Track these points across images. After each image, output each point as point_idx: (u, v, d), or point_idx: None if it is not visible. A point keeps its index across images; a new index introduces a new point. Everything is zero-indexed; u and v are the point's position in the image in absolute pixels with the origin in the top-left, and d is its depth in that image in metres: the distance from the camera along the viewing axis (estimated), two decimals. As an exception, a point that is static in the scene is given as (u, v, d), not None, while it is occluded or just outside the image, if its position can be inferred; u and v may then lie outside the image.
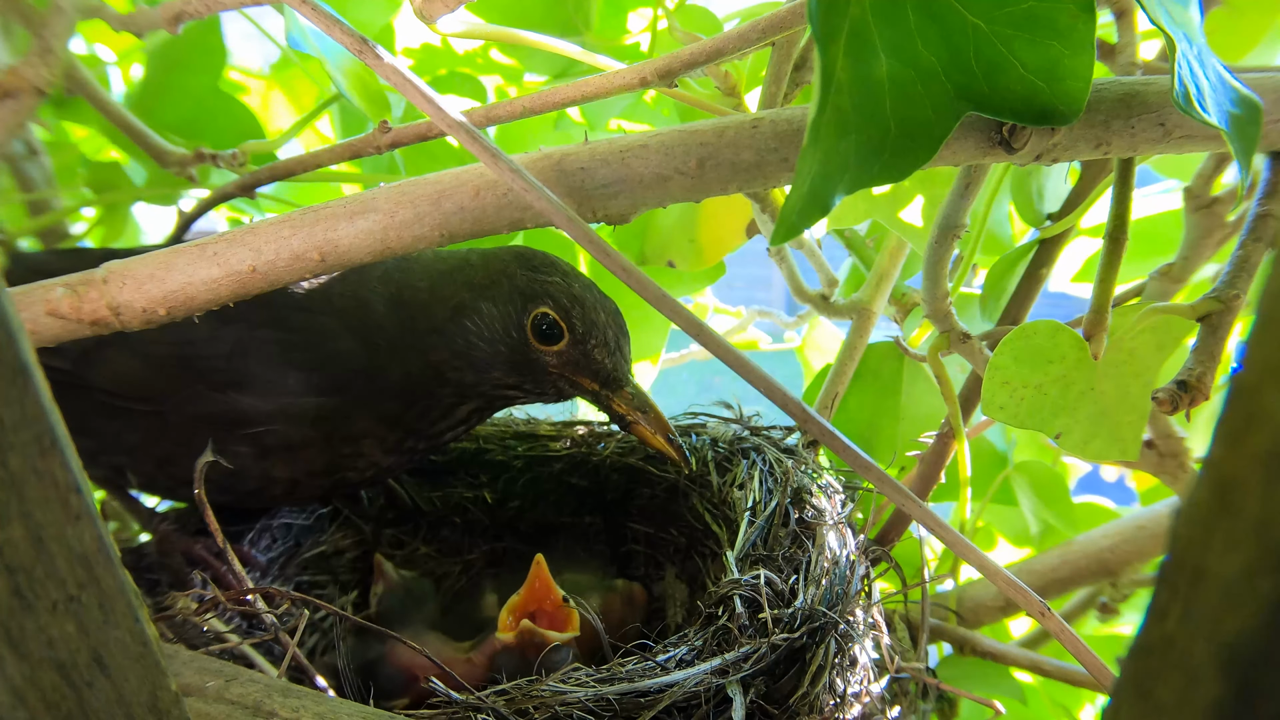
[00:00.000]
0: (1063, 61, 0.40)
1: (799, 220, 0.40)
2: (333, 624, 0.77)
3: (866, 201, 0.70)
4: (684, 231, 0.86)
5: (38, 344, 0.50)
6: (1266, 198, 0.50)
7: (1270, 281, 0.19)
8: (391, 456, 0.68)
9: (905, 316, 0.82)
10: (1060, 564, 0.82)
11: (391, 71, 0.45)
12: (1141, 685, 0.23)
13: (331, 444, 0.66)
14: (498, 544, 0.89)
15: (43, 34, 0.61)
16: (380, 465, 0.69)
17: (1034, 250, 0.73)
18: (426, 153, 0.82)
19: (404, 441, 0.68)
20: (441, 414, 0.68)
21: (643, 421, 0.65)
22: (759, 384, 0.43)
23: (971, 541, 0.46)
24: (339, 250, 0.48)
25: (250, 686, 0.47)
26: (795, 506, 0.63)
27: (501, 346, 0.63)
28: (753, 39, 0.50)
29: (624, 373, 0.65)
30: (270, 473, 0.66)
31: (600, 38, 0.82)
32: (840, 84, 0.39)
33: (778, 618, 0.53)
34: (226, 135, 0.81)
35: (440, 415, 0.68)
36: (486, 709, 0.47)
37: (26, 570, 0.28)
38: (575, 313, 0.63)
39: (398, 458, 0.69)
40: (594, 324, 0.63)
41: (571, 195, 0.48)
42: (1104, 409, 0.55)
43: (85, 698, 0.31)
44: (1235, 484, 0.19)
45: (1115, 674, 0.25)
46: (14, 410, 0.27)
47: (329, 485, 0.71)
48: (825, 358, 1.06)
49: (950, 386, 0.69)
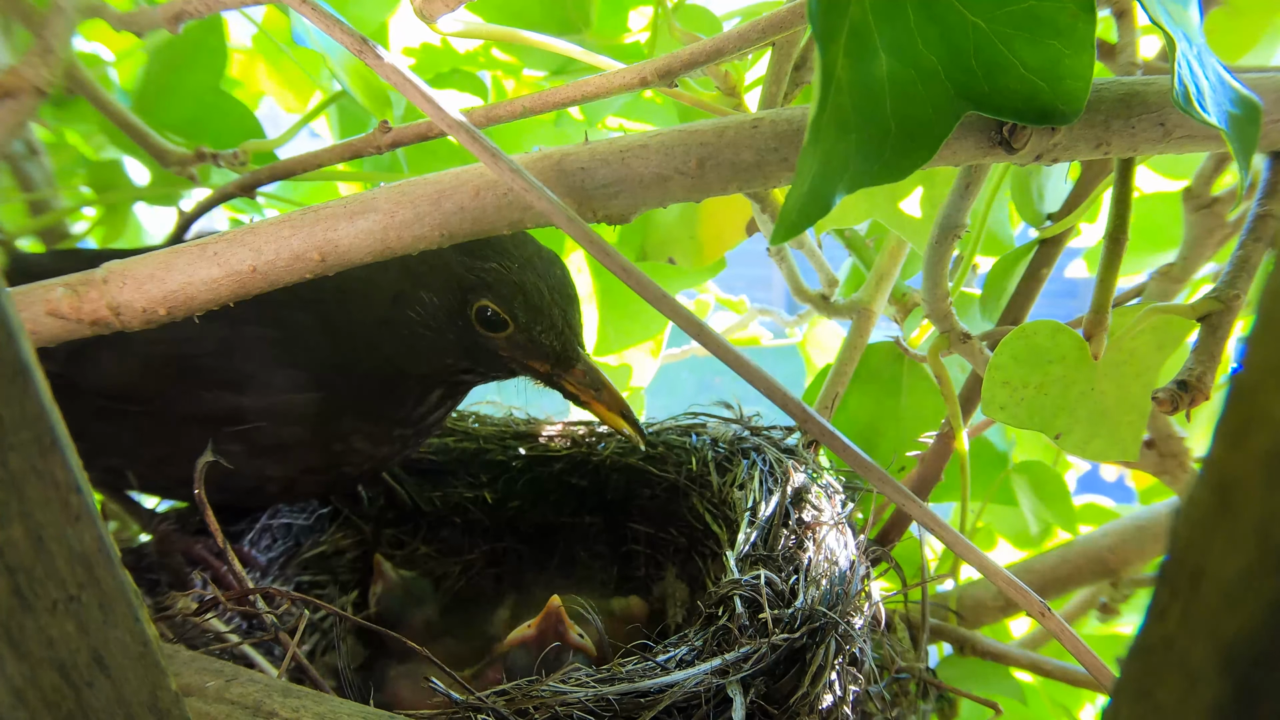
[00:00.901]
0: (1063, 61, 0.40)
1: (799, 220, 0.40)
2: (333, 624, 0.77)
3: (867, 201, 0.70)
4: (685, 228, 0.86)
5: (38, 344, 0.50)
6: (1266, 198, 0.50)
7: (1270, 281, 0.19)
8: (384, 447, 0.68)
9: (905, 316, 0.82)
10: (1060, 564, 0.82)
11: (391, 71, 0.45)
12: (1141, 685, 0.23)
13: (321, 440, 0.66)
14: (498, 544, 0.89)
15: (43, 34, 0.61)
16: (375, 457, 0.69)
17: (1034, 250, 0.73)
18: (429, 151, 0.82)
19: (392, 430, 0.68)
20: (416, 402, 0.67)
21: (596, 400, 0.64)
22: (759, 384, 0.43)
23: (971, 541, 0.46)
24: (339, 250, 0.48)
25: (250, 686, 0.47)
26: (795, 506, 0.63)
27: (449, 335, 0.63)
28: (753, 39, 0.50)
29: (574, 350, 0.63)
30: (265, 471, 0.66)
31: (600, 36, 0.82)
32: (840, 84, 0.39)
33: (778, 618, 0.53)
34: (227, 135, 0.81)
35: (415, 403, 0.67)
36: (486, 709, 0.47)
37: (26, 570, 0.28)
38: (517, 301, 0.61)
39: (390, 447, 0.69)
40: (537, 309, 0.62)
41: (571, 195, 0.48)
42: (1104, 409, 0.55)
43: (85, 698, 0.31)
44: (1235, 484, 0.19)
45: (1115, 674, 0.25)
46: (14, 410, 0.27)
47: (328, 481, 0.71)
48: (827, 355, 1.06)
49: (950, 386, 0.69)
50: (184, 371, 0.63)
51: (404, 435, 0.69)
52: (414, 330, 0.63)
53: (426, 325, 0.63)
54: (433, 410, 0.69)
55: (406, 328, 0.63)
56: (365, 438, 0.67)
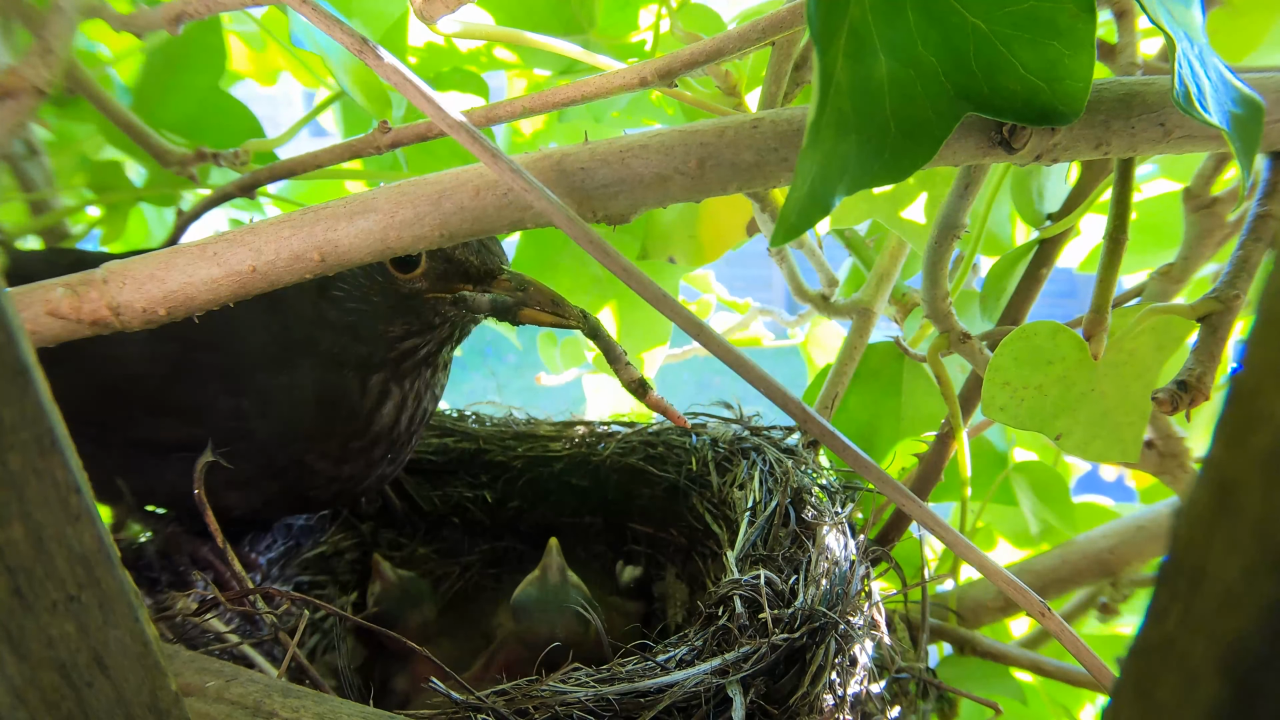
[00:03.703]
0: (1063, 61, 0.40)
1: (798, 221, 0.40)
2: (333, 624, 0.77)
3: (867, 201, 0.70)
4: (685, 227, 0.86)
5: (38, 344, 0.50)
6: (1266, 198, 0.50)
7: (1270, 281, 0.19)
8: (345, 466, 0.67)
9: (905, 316, 0.82)
10: (1060, 564, 0.82)
11: (391, 71, 0.45)
12: (1141, 685, 0.23)
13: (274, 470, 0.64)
14: (498, 544, 0.89)
15: (43, 34, 0.60)
16: (339, 477, 0.67)
17: (1034, 250, 0.73)
18: (429, 151, 0.82)
19: (347, 443, 0.66)
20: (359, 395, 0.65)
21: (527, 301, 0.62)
22: (759, 384, 0.43)
23: (971, 541, 0.46)
24: (339, 250, 0.48)
25: (250, 686, 0.47)
26: (795, 506, 0.63)
27: (374, 297, 0.62)
28: (753, 39, 0.50)
29: (494, 263, 0.62)
30: (226, 502, 0.64)
31: (605, 35, 0.81)
32: (840, 85, 0.39)
33: (778, 618, 0.53)
34: (227, 134, 0.81)
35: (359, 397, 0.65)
36: (486, 709, 0.47)
37: (26, 570, 0.28)
38: None
39: (353, 465, 0.67)
40: None
41: (571, 195, 0.48)
42: (1104, 410, 0.55)
43: (85, 698, 0.31)
44: (1235, 484, 0.19)
45: (1115, 674, 0.25)
46: (14, 410, 0.27)
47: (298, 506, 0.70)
48: (828, 355, 1.06)
49: (950, 386, 0.69)
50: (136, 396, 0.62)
51: (363, 448, 0.66)
52: (344, 308, 0.62)
53: (351, 297, 0.62)
54: (378, 403, 0.66)
55: (336, 309, 0.62)
56: (319, 456, 0.65)
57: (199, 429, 0.62)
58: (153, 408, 0.63)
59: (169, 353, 0.62)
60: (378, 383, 0.65)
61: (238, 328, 0.62)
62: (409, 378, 0.67)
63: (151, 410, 0.63)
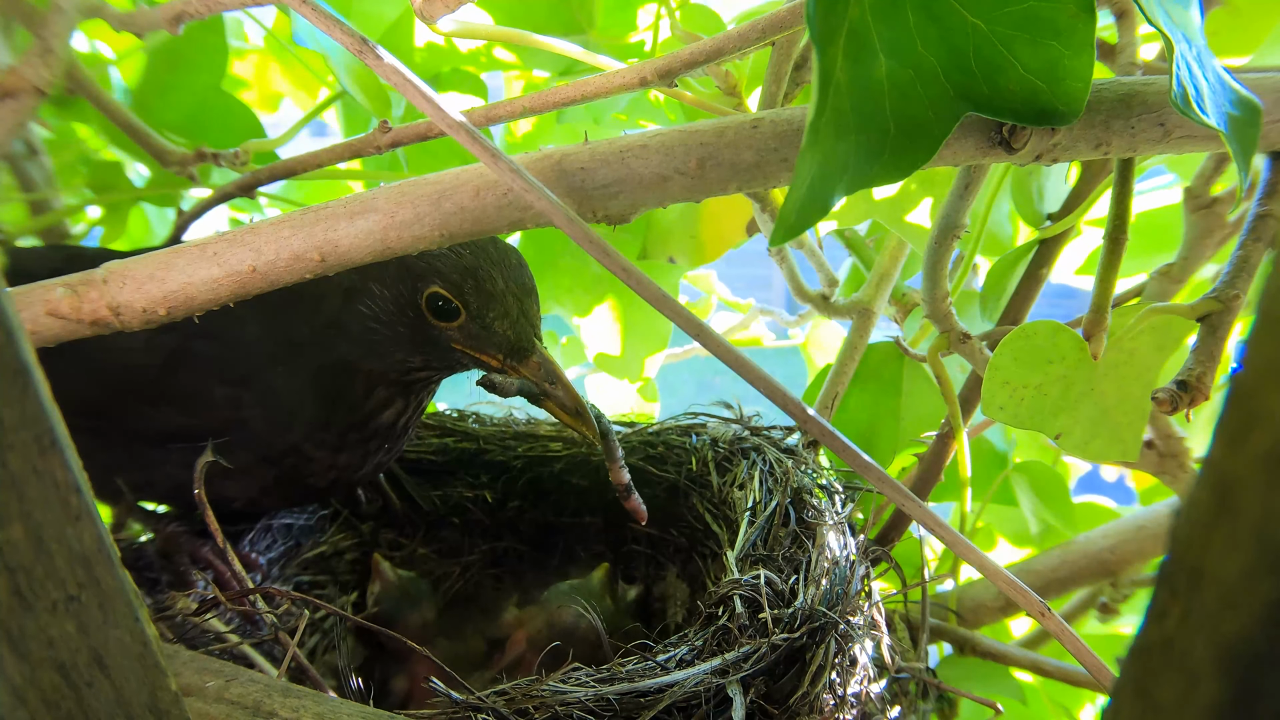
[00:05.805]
0: (1063, 62, 0.40)
1: (798, 222, 0.40)
2: (333, 624, 0.77)
3: (867, 202, 0.70)
4: (685, 227, 0.86)
5: (38, 344, 0.50)
6: (1266, 198, 0.50)
7: (1270, 281, 0.19)
8: (343, 454, 0.66)
9: (905, 316, 0.82)
10: (1060, 564, 0.82)
11: (391, 72, 0.45)
12: (1141, 685, 0.23)
13: (273, 459, 0.64)
14: (498, 544, 0.89)
15: (43, 34, 0.60)
16: (336, 465, 0.67)
17: (1034, 250, 0.73)
18: (429, 151, 0.82)
19: (346, 435, 0.66)
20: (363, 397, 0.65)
21: (551, 394, 0.62)
22: (759, 384, 0.43)
23: (971, 541, 0.46)
24: (339, 250, 0.48)
25: (250, 686, 0.47)
26: (795, 506, 0.63)
27: (400, 327, 0.61)
28: (753, 39, 0.50)
29: (529, 340, 0.61)
30: (224, 493, 0.64)
31: (604, 36, 0.81)
32: (839, 85, 0.39)
33: (778, 618, 0.53)
34: (228, 134, 0.81)
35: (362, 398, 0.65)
36: (486, 709, 0.47)
37: (26, 570, 0.28)
38: (468, 287, 0.59)
39: (350, 454, 0.67)
40: (490, 296, 0.59)
41: (571, 195, 0.48)
42: (1104, 409, 0.55)
43: (85, 698, 0.31)
44: (1235, 484, 0.19)
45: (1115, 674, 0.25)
46: (14, 410, 0.27)
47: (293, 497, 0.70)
48: (828, 355, 1.06)
49: (950, 386, 0.69)
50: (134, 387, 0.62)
51: (361, 440, 0.66)
52: (365, 326, 0.61)
53: (377, 319, 0.61)
54: (380, 408, 0.66)
55: (358, 324, 0.61)
56: (318, 445, 0.65)
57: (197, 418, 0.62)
58: (151, 396, 0.63)
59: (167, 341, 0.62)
60: (383, 391, 0.66)
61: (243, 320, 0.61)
62: (415, 392, 0.67)
63: (150, 399, 0.63)
